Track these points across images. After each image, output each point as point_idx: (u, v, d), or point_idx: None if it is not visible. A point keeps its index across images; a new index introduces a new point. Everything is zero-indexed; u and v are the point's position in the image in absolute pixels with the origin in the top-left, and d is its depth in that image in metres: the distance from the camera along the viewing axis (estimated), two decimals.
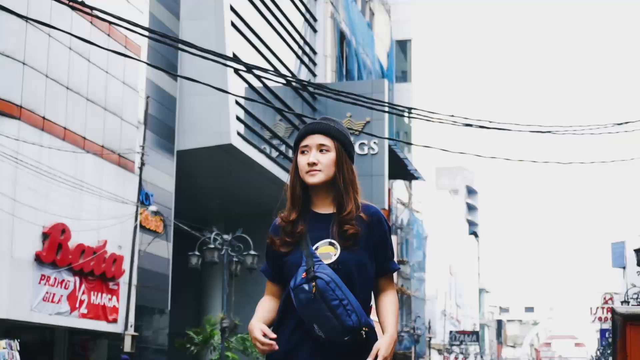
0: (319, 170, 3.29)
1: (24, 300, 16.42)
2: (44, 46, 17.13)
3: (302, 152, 3.36)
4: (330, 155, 3.33)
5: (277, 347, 3.26)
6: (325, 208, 3.38)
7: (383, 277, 3.43)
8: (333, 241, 3.31)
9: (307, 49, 30.74)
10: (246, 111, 24.43)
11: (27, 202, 16.38)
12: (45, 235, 16.97)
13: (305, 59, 30.51)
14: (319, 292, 3.14)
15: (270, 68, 25.31)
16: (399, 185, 44.63)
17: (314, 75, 31.13)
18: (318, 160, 3.30)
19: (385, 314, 3.39)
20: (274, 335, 3.28)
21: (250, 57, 24.15)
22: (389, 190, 37.42)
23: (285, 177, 25.99)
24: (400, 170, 38.27)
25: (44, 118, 17.13)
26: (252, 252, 21.39)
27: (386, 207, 30.97)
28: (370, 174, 30.31)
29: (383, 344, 3.24)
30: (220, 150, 23.04)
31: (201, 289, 28.54)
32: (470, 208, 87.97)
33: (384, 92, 30.99)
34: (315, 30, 31.83)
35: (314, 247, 3.31)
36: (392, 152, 34.28)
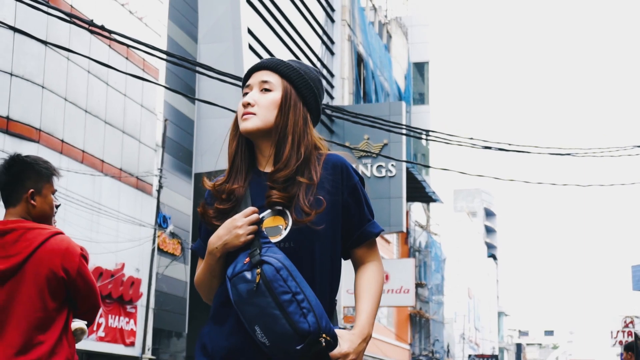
0: (253, 114, 2.55)
1: None
2: (62, 70, 17.22)
3: (245, 94, 2.63)
4: (273, 96, 2.57)
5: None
6: (269, 165, 2.60)
7: (361, 247, 2.62)
8: (284, 209, 2.52)
9: (324, 72, 30.77)
10: None
11: None
12: None
13: (323, 82, 30.52)
14: (265, 282, 2.35)
15: None
16: (417, 207, 44.49)
17: (332, 97, 31.15)
18: (255, 100, 2.56)
19: (360, 296, 2.58)
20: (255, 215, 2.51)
21: None
22: (407, 212, 37.30)
23: None
24: (418, 192, 38.15)
25: (62, 141, 17.19)
26: None
27: (404, 229, 30.83)
28: (388, 197, 30.20)
29: (349, 346, 2.46)
30: None
31: None
32: (489, 230, 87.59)
33: (402, 115, 30.91)
34: (332, 53, 31.88)
35: (260, 217, 2.53)
36: (409, 175, 34.17)
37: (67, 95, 17.37)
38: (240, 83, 16.18)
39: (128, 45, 12.59)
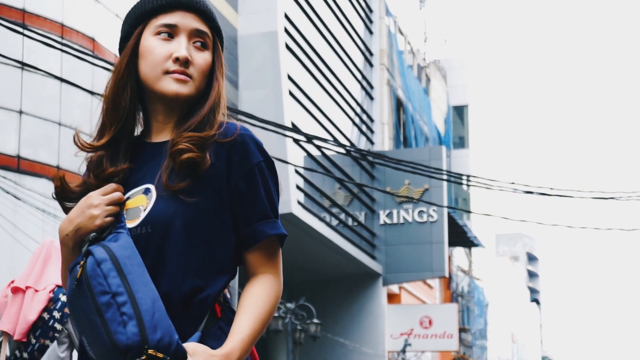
0: (190, 78, 2.05)
1: None
2: None
3: (158, 34, 2.05)
4: (206, 58, 2.10)
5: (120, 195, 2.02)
6: (162, 135, 2.10)
7: (252, 251, 2.08)
8: (150, 186, 2.02)
9: (364, 117, 30.80)
10: (305, 180, 24.43)
11: None
12: None
13: (363, 127, 30.54)
14: (85, 279, 1.84)
15: (328, 136, 25.36)
16: (459, 252, 44.18)
17: (372, 142, 31.13)
18: (193, 59, 2.06)
19: (239, 314, 2.01)
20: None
21: (308, 125, 24.23)
22: (449, 257, 36.98)
23: (347, 246, 25.83)
24: (460, 237, 37.87)
25: None
26: (315, 320, 21.30)
27: (446, 274, 30.60)
28: (430, 242, 29.99)
29: None
30: (281, 220, 22.76)
31: (266, 357, 28.27)
32: (531, 275, 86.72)
33: (442, 159, 30.79)
34: (372, 98, 31.92)
35: (125, 198, 2.04)
36: (451, 219, 33.95)
37: None
38: (282, 131, 16.19)
39: None
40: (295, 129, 19.93)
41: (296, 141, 22.15)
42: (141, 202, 2.02)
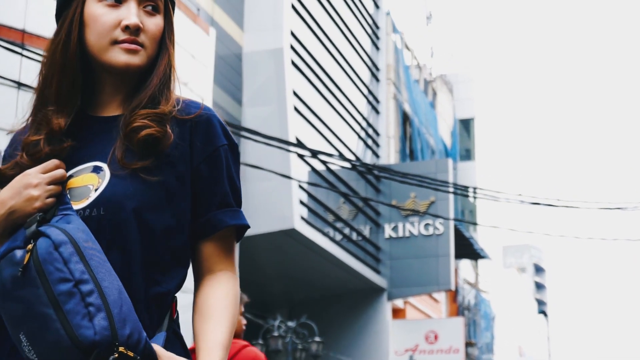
0: (141, 47, 1.83)
1: None
2: None
3: (116, 2, 1.83)
4: (158, 23, 1.88)
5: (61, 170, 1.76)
6: (111, 109, 1.88)
7: (208, 242, 1.87)
8: (101, 164, 1.77)
9: (370, 131, 30.80)
10: (309, 195, 24.43)
11: None
12: None
13: (369, 141, 30.55)
14: (35, 264, 1.56)
15: (333, 151, 25.36)
16: (466, 265, 44.09)
17: (377, 156, 31.13)
18: (144, 25, 1.85)
19: (211, 322, 1.81)
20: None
21: (313, 140, 24.24)
22: (456, 270, 36.88)
23: (350, 261, 25.80)
24: (466, 249, 37.81)
25: None
26: (317, 338, 21.15)
27: (453, 287, 30.50)
28: (436, 255, 29.94)
29: None
30: (284, 235, 22.99)
31: None
32: (539, 287, 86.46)
33: (448, 172, 30.76)
34: (378, 112, 31.93)
35: (67, 176, 1.78)
36: (457, 232, 33.90)
37: None
38: (286, 147, 16.19)
39: None
40: (299, 144, 19.94)
41: (300, 156, 22.16)
42: (90, 181, 1.75)
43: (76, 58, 1.81)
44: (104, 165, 1.77)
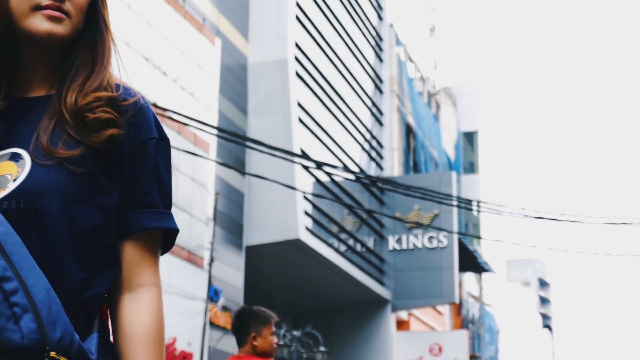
0: (66, 15, 1.63)
1: None
2: None
3: None
4: None
5: None
6: (34, 88, 1.67)
7: (128, 245, 1.63)
8: (20, 151, 1.59)
9: (374, 143, 30.86)
10: (314, 205, 24.47)
11: None
12: None
13: (373, 153, 30.61)
14: None
15: (338, 162, 25.44)
16: (470, 278, 44.00)
17: (381, 168, 31.18)
18: None
19: (138, 350, 1.57)
20: None
21: (317, 151, 24.31)
22: (460, 283, 36.85)
23: (355, 272, 25.83)
24: (470, 262, 37.74)
25: None
26: (322, 348, 21.14)
27: (457, 300, 30.46)
28: (440, 268, 29.90)
29: None
30: (289, 245, 23.03)
31: None
32: (543, 301, 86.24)
33: (452, 185, 30.79)
34: (381, 124, 32.00)
35: None
36: (461, 245, 33.88)
37: None
38: (290, 158, 16.26)
39: (182, 123, 12.77)
40: (304, 155, 20.02)
41: (305, 167, 22.23)
42: (8, 170, 1.56)
43: (2, 27, 1.62)
44: (24, 153, 1.58)
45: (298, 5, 24.05)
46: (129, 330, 1.58)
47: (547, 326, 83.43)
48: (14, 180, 1.55)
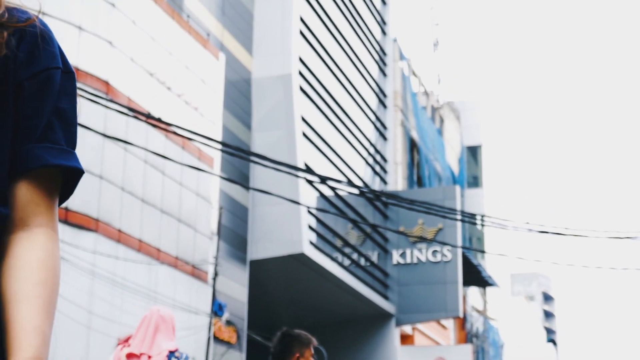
0: None
1: None
2: (120, 160, 17.52)
3: None
4: None
5: None
6: None
7: (24, 182, 1.43)
8: None
9: (377, 157, 30.88)
10: (318, 220, 24.48)
11: (102, 314, 16.50)
12: None
13: (377, 167, 30.63)
14: None
15: (342, 176, 25.46)
16: (474, 292, 43.91)
17: (385, 183, 31.18)
18: None
19: (21, 298, 1.35)
20: None
21: (321, 166, 24.33)
22: (464, 297, 36.80)
23: (359, 286, 25.79)
24: (474, 277, 37.70)
25: (119, 230, 17.38)
26: None
27: (461, 314, 30.41)
28: (444, 282, 29.87)
29: None
30: (293, 260, 23.03)
31: None
32: (547, 315, 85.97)
33: (456, 199, 30.78)
34: (385, 138, 32.03)
35: None
36: (465, 259, 33.85)
37: (124, 185, 17.64)
38: (294, 172, 16.31)
39: (186, 137, 12.80)
40: (308, 170, 20.04)
41: (309, 182, 22.26)
42: None
43: None
44: None
45: (302, 20, 24.12)
46: (17, 272, 1.37)
47: (552, 340, 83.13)
48: None
